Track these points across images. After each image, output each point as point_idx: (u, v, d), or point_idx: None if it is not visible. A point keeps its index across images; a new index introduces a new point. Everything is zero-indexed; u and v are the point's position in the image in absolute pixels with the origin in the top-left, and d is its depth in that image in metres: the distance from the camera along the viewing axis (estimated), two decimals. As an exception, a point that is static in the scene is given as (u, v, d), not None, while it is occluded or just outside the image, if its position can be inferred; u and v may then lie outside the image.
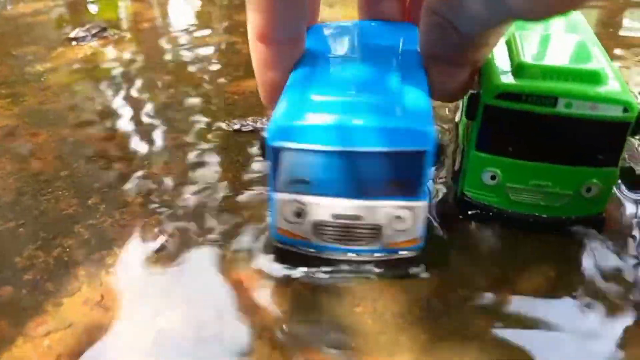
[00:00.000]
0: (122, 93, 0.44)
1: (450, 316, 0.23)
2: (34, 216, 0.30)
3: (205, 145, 0.36)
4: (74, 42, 0.53)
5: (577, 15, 0.31)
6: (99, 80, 0.46)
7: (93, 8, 0.66)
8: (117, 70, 0.48)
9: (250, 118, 0.38)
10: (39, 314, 0.24)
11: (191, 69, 0.48)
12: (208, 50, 0.52)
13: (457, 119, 0.36)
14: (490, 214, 0.27)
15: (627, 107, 0.23)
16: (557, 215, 0.26)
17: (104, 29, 0.55)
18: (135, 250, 0.27)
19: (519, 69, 0.24)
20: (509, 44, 0.27)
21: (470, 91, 0.25)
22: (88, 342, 0.22)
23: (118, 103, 0.42)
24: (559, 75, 0.24)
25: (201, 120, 0.39)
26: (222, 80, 0.45)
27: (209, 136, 0.37)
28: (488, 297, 0.24)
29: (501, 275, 0.25)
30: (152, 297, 0.24)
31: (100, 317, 0.23)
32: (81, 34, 0.54)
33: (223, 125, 0.38)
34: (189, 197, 0.31)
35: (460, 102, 0.36)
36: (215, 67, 0.48)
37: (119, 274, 0.26)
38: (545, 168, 0.25)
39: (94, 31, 0.54)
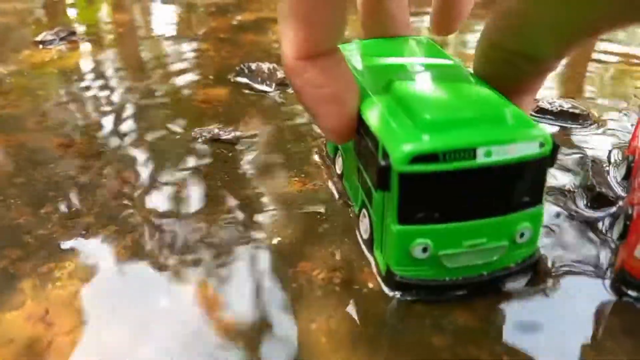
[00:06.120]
0: (87, 98, 0.43)
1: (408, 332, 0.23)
2: (-18, 225, 0.28)
3: (175, 153, 0.35)
4: (40, 46, 0.52)
5: (430, 44, 0.31)
6: (64, 84, 0.45)
7: (72, 12, 0.65)
8: (83, 75, 0.47)
9: (215, 125, 0.37)
10: (-22, 329, 0.22)
11: (160, 74, 0.47)
12: (180, 56, 0.51)
13: (338, 170, 0.32)
14: (428, 287, 0.24)
15: (542, 142, 0.22)
16: (495, 269, 0.24)
17: (73, 33, 0.54)
18: (86, 264, 0.26)
19: (423, 126, 0.22)
20: (396, 98, 0.24)
21: (379, 162, 0.22)
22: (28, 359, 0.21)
23: (81, 109, 0.41)
24: (468, 124, 0.22)
25: (170, 128, 0.38)
26: (191, 86, 0.44)
27: (179, 144, 0.36)
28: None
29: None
30: (100, 314, 0.23)
31: (42, 333, 0.22)
32: (49, 37, 0.53)
33: (194, 133, 0.37)
34: (154, 208, 0.30)
35: (330, 148, 0.33)
36: (186, 73, 0.47)
37: (67, 288, 0.25)
38: (478, 225, 0.23)
39: (62, 35, 0.53)
